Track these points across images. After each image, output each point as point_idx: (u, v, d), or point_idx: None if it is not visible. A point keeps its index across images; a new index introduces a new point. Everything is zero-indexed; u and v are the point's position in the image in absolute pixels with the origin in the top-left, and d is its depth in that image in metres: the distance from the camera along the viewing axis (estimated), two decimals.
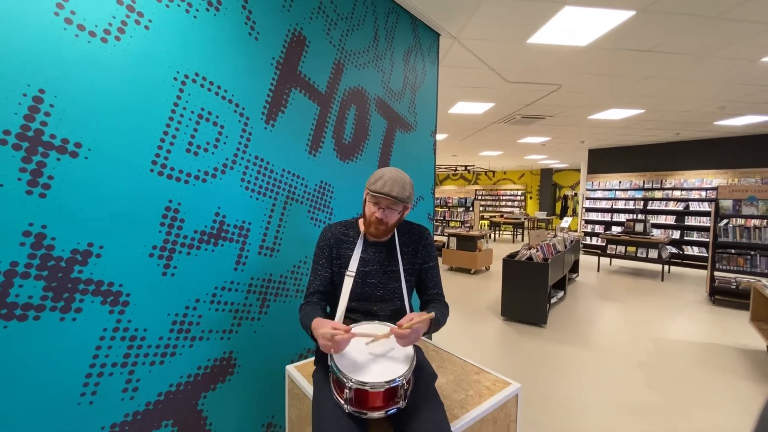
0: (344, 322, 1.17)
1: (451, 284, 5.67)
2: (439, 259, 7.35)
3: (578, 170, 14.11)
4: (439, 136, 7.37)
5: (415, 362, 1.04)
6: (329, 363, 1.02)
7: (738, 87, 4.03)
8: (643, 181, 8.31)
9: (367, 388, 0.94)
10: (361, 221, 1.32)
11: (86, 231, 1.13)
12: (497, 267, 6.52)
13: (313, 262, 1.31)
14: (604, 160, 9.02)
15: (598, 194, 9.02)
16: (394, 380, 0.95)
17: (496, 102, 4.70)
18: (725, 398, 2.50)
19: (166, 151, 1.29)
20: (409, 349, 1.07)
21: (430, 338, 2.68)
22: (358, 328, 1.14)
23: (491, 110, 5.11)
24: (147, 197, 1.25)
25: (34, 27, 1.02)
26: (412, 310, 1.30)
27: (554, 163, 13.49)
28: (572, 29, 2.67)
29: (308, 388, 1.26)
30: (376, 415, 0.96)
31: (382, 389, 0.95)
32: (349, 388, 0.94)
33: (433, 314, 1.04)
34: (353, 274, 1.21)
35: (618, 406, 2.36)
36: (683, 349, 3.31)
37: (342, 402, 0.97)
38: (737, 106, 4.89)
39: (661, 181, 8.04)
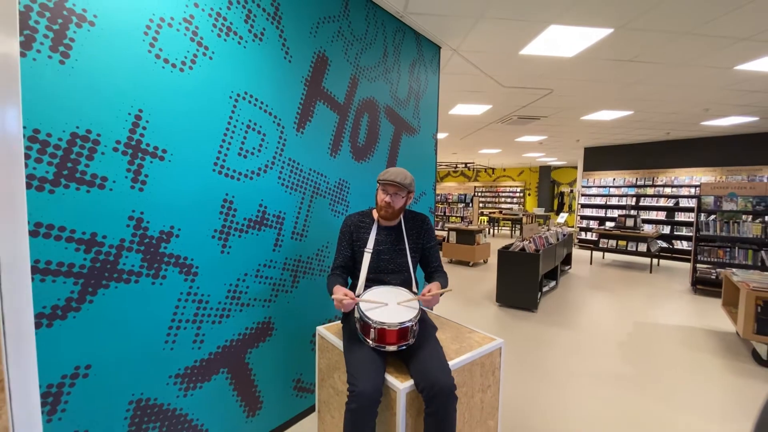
0: (365, 287, 1.55)
1: (451, 275, 5.99)
2: (440, 252, 7.73)
3: (576, 167, 14.42)
4: (440, 135, 7.70)
5: (419, 313, 1.39)
6: (356, 315, 1.38)
7: (718, 91, 4.35)
8: (636, 179, 8.64)
9: (385, 327, 1.30)
10: (374, 211, 1.67)
11: (170, 217, 1.47)
12: (495, 260, 6.87)
13: (338, 244, 1.67)
14: (599, 157, 9.34)
15: (593, 191, 9.35)
16: (404, 322, 1.31)
17: (494, 104, 5.02)
18: (691, 369, 2.85)
19: (224, 155, 1.63)
20: (415, 304, 1.42)
21: (431, 309, 3.04)
22: (365, 294, 1.49)
23: (489, 111, 5.43)
24: (210, 191, 1.60)
25: (135, 60, 1.36)
26: (416, 280, 1.66)
27: (552, 161, 13.81)
28: (559, 43, 3.00)
29: (336, 341, 1.61)
30: (392, 348, 1.31)
31: (397, 328, 1.30)
32: (374, 328, 1.30)
33: (450, 289, 1.46)
34: (371, 251, 1.56)
35: (596, 374, 2.71)
36: (660, 331, 3.67)
37: (368, 340, 1.33)
38: (720, 108, 5.21)
39: (653, 179, 8.36)
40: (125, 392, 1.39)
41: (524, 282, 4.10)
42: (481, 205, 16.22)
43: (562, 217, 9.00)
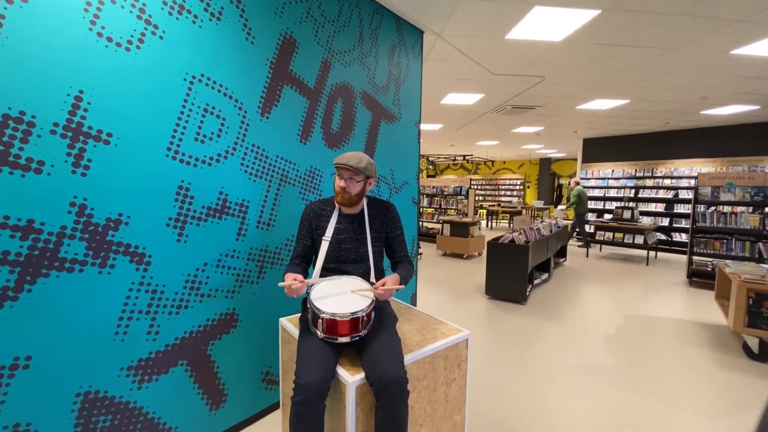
0: (320, 276, 1.50)
1: (443, 268, 5.96)
2: (433, 246, 7.66)
3: (576, 159, 14.26)
4: (435, 126, 7.59)
5: (373, 303, 1.33)
6: (308, 305, 1.32)
7: (714, 78, 4.22)
8: (635, 170, 8.50)
9: (336, 317, 1.24)
10: None
11: (117, 203, 1.41)
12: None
13: (298, 232, 1.61)
14: (597, 149, 9.20)
15: (592, 183, 9.22)
16: (356, 312, 1.25)
17: (486, 93, 4.91)
18: (680, 363, 2.78)
19: (178, 140, 1.57)
20: (370, 294, 1.36)
21: (410, 300, 2.98)
22: (319, 283, 1.43)
23: (481, 101, 5.32)
24: (163, 178, 1.53)
25: (74, 39, 1.29)
26: (380, 270, 1.60)
27: (552, 153, 13.65)
28: (545, 26, 2.89)
29: (296, 332, 1.55)
30: (344, 340, 1.26)
31: (348, 318, 1.24)
32: (322, 319, 1.24)
33: (402, 286, 1.38)
34: (329, 239, 1.50)
35: (577, 367, 2.65)
36: (651, 323, 3.59)
37: (318, 331, 1.27)
38: (719, 97, 5.07)
39: (652, 170, 8.23)
40: (71, 384, 1.34)
41: (513, 274, 4.03)
42: (480, 198, 16.11)
43: (561, 209, 8.89)
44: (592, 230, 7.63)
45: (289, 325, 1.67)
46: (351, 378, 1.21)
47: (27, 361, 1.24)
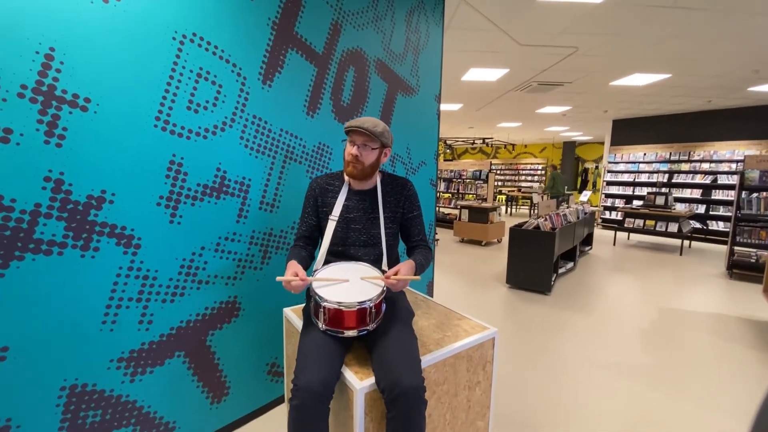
0: (324, 263, 1.32)
1: (460, 255, 5.74)
2: (450, 232, 7.40)
3: (602, 143, 13.54)
4: (454, 107, 7.23)
5: (384, 293, 1.14)
6: (310, 293, 1.14)
7: None
8: (670, 153, 7.93)
9: (342, 307, 1.06)
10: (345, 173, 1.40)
11: (99, 179, 1.25)
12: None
13: (302, 211, 1.42)
14: (628, 130, 8.62)
15: (621, 167, 8.69)
16: (364, 302, 1.06)
17: (510, 67, 4.55)
18: (721, 362, 2.51)
19: (168, 108, 1.39)
20: (379, 282, 1.17)
21: (426, 291, 2.80)
22: (322, 272, 1.24)
23: (506, 77, 4.96)
24: (152, 151, 1.36)
25: None
26: (395, 257, 1.40)
27: (577, 136, 12.99)
28: None
29: (300, 324, 1.39)
30: (351, 333, 1.08)
31: (355, 309, 1.06)
32: (324, 308, 1.06)
33: (417, 277, 1.16)
34: (336, 218, 1.31)
35: (609, 365, 2.43)
36: (689, 318, 3.30)
37: (319, 322, 1.10)
38: None
39: (689, 153, 7.65)
40: (55, 377, 1.22)
41: (537, 262, 3.77)
42: (499, 183, 15.61)
43: (585, 196, 8.45)
44: (620, 217, 7.21)
45: (293, 315, 1.51)
46: (359, 383, 1.04)
47: (3, 352, 1.12)
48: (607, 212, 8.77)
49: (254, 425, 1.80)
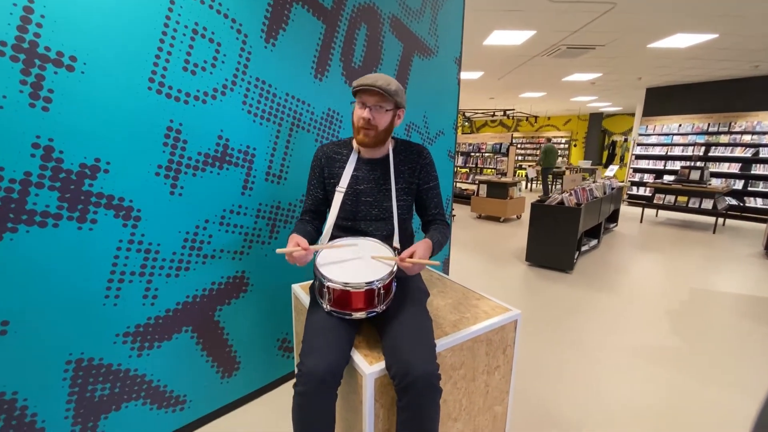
0: (331, 238, 1.22)
1: (478, 231, 5.58)
2: (467, 208, 7.20)
3: (632, 114, 12.75)
4: (474, 75, 6.85)
5: (394, 272, 1.04)
6: (314, 271, 1.05)
7: None
8: (708, 124, 7.37)
9: (349, 288, 0.96)
10: (354, 140, 1.27)
11: (92, 146, 1.17)
12: (529, 216, 6.31)
13: (307, 183, 1.31)
14: (663, 100, 8.03)
15: (653, 139, 8.16)
16: (372, 282, 0.97)
17: (538, 29, 4.19)
18: (756, 347, 2.35)
19: (163, 69, 1.27)
20: (390, 263, 1.07)
21: (441, 269, 2.70)
22: (328, 244, 1.15)
23: (532, 40, 4.59)
24: (148, 116, 1.26)
25: None
26: (408, 233, 1.29)
27: (605, 106, 12.25)
28: None
29: (308, 302, 1.31)
30: (359, 315, 0.99)
31: (362, 290, 0.97)
32: (329, 288, 0.97)
33: (437, 263, 1.02)
34: (343, 190, 1.19)
35: (635, 348, 2.30)
36: (723, 300, 3.10)
37: (324, 304, 1.01)
38: None
39: (729, 124, 7.08)
40: (60, 351, 1.20)
41: (560, 239, 3.60)
42: (519, 157, 15.07)
43: (612, 170, 8.01)
44: (650, 193, 6.84)
45: (302, 292, 1.44)
46: (369, 368, 0.96)
47: (3, 326, 1.09)
48: (635, 188, 8.34)
49: (266, 399, 1.79)
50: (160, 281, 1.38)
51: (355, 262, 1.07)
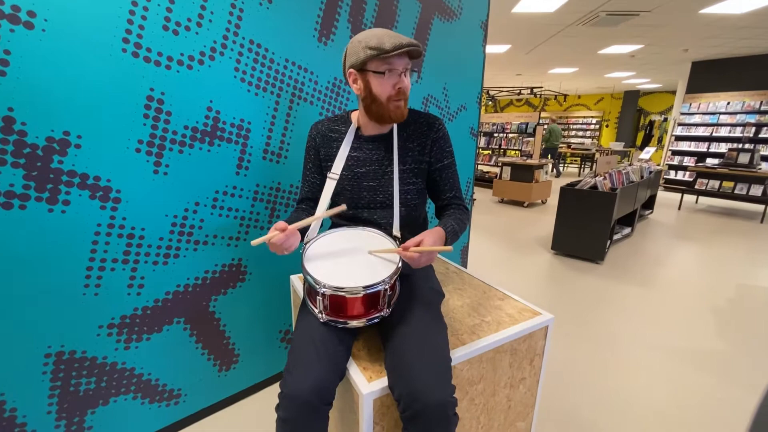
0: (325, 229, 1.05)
1: (500, 216, 5.30)
2: (488, 192, 6.88)
3: (673, 92, 11.81)
4: (500, 48, 6.39)
5: (400, 267, 0.86)
6: (302, 271, 0.88)
7: None
8: (761, 102, 6.66)
9: (343, 293, 0.79)
10: (354, 114, 1.08)
11: (59, 118, 1.02)
12: (555, 200, 5.95)
13: (303, 166, 1.13)
14: (710, 75, 7.30)
15: (696, 119, 7.49)
16: (373, 285, 0.79)
17: None
18: None
19: (139, 27, 1.10)
20: (394, 257, 0.88)
21: (459, 260, 2.51)
22: (316, 242, 0.99)
23: (567, 6, 4.15)
24: (123, 83, 1.10)
25: None
26: (419, 221, 1.10)
27: (643, 83, 11.36)
28: None
29: None
30: (357, 323, 0.82)
31: (360, 295, 0.79)
32: (323, 294, 0.80)
33: (449, 248, 0.81)
34: (336, 176, 1.01)
35: (673, 350, 2.06)
36: None
37: (316, 311, 0.85)
38: None
39: None
40: (37, 343, 1.10)
41: (591, 227, 3.31)
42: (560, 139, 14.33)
43: (647, 153, 7.44)
44: (692, 178, 6.31)
45: (300, 285, 1.28)
46: (367, 386, 0.79)
47: None
48: (672, 172, 7.74)
49: (268, 392, 1.68)
50: (147, 269, 1.26)
51: (352, 259, 0.89)
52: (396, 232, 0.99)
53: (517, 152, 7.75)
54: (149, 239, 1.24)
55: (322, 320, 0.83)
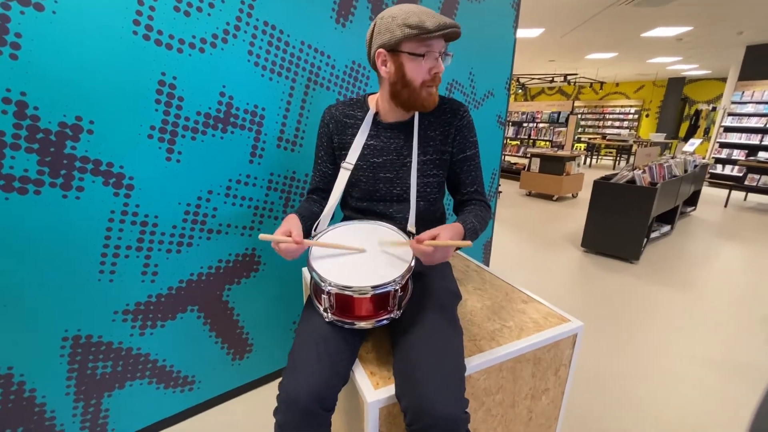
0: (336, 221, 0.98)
1: (527, 210, 5.10)
2: (515, 184, 6.62)
3: (723, 80, 10.90)
4: (533, 32, 6.05)
5: (412, 266, 0.79)
6: (307, 266, 0.82)
7: None
8: None
9: (350, 292, 0.73)
10: (372, 99, 1.00)
11: (71, 102, 1.01)
12: (587, 194, 5.65)
13: (315, 153, 1.07)
14: (767, 60, 6.64)
15: (748, 108, 6.85)
16: (383, 285, 0.73)
17: None
18: None
19: (150, 9, 1.06)
20: (407, 253, 0.81)
21: (482, 259, 2.40)
22: (326, 234, 0.91)
23: None
24: (135, 66, 1.08)
25: None
26: (440, 214, 1.02)
27: (689, 69, 10.52)
28: None
29: None
30: (364, 325, 0.76)
31: (368, 295, 0.73)
32: (328, 293, 0.75)
33: (467, 243, 0.73)
34: (350, 166, 0.94)
35: (717, 363, 1.89)
36: None
37: (321, 310, 0.79)
38: None
39: None
40: (54, 327, 1.12)
41: (627, 223, 3.09)
42: (579, 129, 13.66)
43: (692, 145, 6.90)
44: (741, 173, 5.82)
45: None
46: (373, 393, 0.73)
47: None
48: (719, 166, 7.17)
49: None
50: (160, 257, 1.25)
51: (361, 256, 0.83)
52: (411, 227, 0.92)
53: (546, 143, 7.40)
54: (162, 227, 1.23)
55: (327, 319, 0.78)
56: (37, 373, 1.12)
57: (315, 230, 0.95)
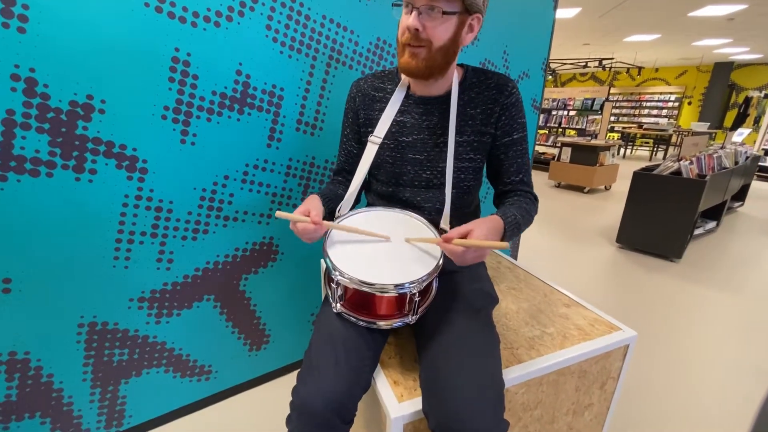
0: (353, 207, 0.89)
1: (556, 202, 4.86)
2: (544, 175, 6.33)
3: None
4: (568, 12, 5.69)
5: (440, 265, 0.69)
6: (322, 253, 0.74)
7: None
8: None
9: (370, 290, 0.64)
10: None
11: (82, 80, 0.95)
12: (621, 187, 5.34)
13: (341, 131, 0.98)
14: None
15: None
16: (407, 285, 0.63)
17: None
18: None
19: None
20: (435, 250, 0.71)
21: (510, 252, 2.26)
22: (349, 218, 0.82)
23: None
24: (147, 42, 1.01)
25: None
26: (475, 206, 0.91)
27: (739, 53, 9.69)
28: None
29: None
30: (384, 324, 0.68)
31: (389, 294, 0.65)
32: (342, 286, 0.66)
33: (505, 244, 0.60)
34: (379, 140, 0.84)
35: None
36: None
37: (332, 300, 0.71)
38: None
39: None
40: (70, 313, 1.09)
41: (670, 219, 2.86)
42: (613, 118, 12.95)
43: (741, 135, 6.37)
44: None
45: None
46: (396, 407, 0.65)
47: (6, 284, 0.98)
48: None
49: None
50: (175, 244, 1.21)
51: (385, 249, 0.74)
52: (444, 224, 0.81)
53: (575, 131, 7.02)
54: (177, 213, 1.18)
55: (335, 310, 0.70)
56: (54, 358, 1.10)
57: (338, 212, 0.87)
